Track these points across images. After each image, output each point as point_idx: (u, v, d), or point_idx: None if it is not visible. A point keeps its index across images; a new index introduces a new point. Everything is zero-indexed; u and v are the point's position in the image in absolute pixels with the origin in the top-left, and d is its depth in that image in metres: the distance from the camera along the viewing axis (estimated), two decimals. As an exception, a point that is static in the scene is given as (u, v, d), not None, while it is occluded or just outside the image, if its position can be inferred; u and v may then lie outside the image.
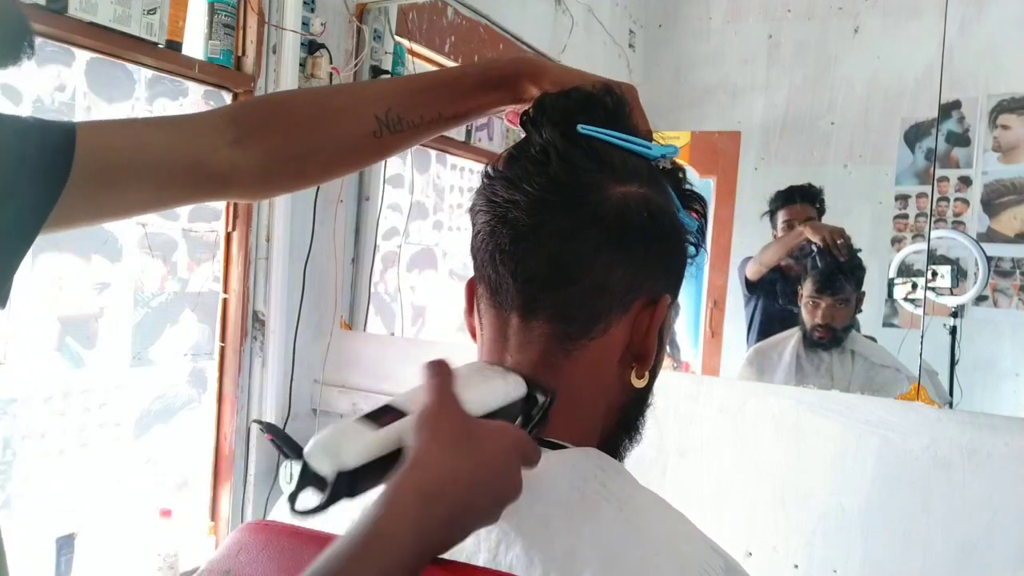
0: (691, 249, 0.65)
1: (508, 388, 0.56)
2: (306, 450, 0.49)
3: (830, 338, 2.11)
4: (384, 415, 0.51)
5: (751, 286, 2.38)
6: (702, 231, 0.65)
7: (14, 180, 0.61)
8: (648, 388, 0.64)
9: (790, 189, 2.37)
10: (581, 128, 0.60)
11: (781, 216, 2.34)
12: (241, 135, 0.72)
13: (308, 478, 0.48)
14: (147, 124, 0.82)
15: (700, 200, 0.65)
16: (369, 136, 0.73)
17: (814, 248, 2.18)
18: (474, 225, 0.63)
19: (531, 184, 0.58)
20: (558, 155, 0.59)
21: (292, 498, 0.49)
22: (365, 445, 0.49)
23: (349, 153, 0.76)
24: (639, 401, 0.65)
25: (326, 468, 0.47)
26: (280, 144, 0.74)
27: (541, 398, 0.57)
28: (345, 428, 0.50)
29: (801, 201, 2.33)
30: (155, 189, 0.71)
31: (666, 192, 0.63)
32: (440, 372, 0.53)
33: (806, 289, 2.15)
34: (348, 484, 0.47)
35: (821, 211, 2.33)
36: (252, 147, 0.72)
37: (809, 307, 2.14)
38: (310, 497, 0.48)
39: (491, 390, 0.55)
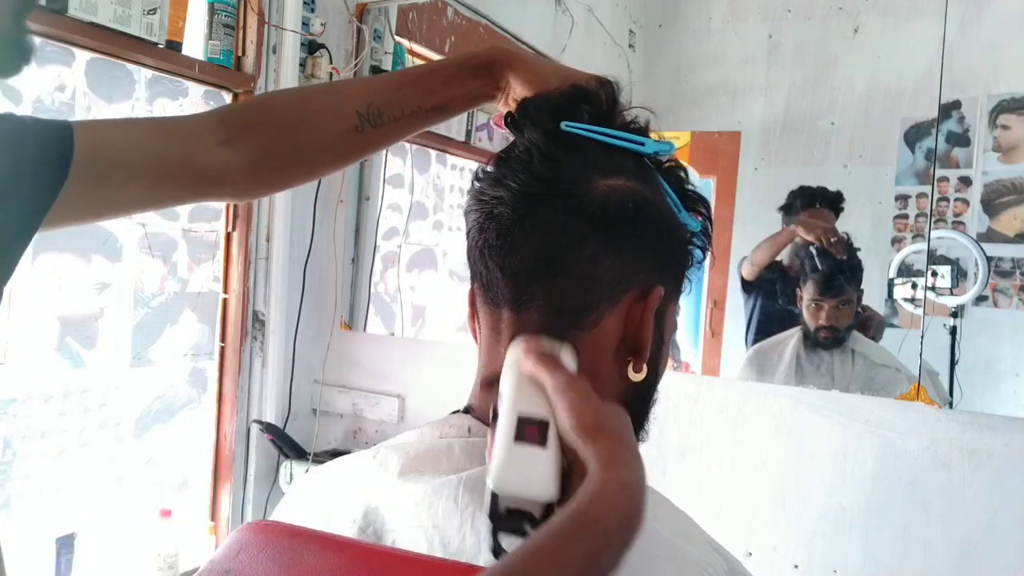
0: (698, 253, 0.65)
1: (568, 355, 0.57)
2: (495, 489, 0.48)
3: (834, 338, 2.11)
4: (526, 428, 0.51)
5: (747, 286, 2.37)
6: (707, 233, 0.65)
7: (14, 177, 0.63)
8: (650, 384, 0.64)
9: (815, 192, 2.35)
10: (565, 126, 0.61)
11: (801, 218, 2.32)
12: (230, 136, 0.74)
13: (503, 519, 0.48)
14: (141, 124, 0.85)
15: (703, 201, 0.65)
16: (351, 132, 0.76)
17: (813, 250, 2.17)
18: (466, 226, 0.63)
19: (515, 180, 0.59)
20: (540, 153, 0.60)
21: (497, 542, 0.48)
22: (549, 469, 0.49)
23: (332, 150, 0.78)
24: (642, 398, 0.64)
25: (528, 505, 0.48)
26: (267, 144, 0.76)
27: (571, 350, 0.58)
28: (514, 458, 0.49)
29: (823, 206, 2.31)
30: (149, 187, 0.73)
31: (656, 187, 0.62)
32: (545, 353, 0.54)
33: (807, 292, 2.15)
34: (548, 511, 0.48)
35: (838, 217, 2.32)
36: (240, 147, 0.74)
37: (812, 309, 2.14)
38: (512, 539, 0.48)
39: (565, 356, 0.56)
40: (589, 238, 0.58)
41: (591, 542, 0.44)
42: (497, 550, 0.48)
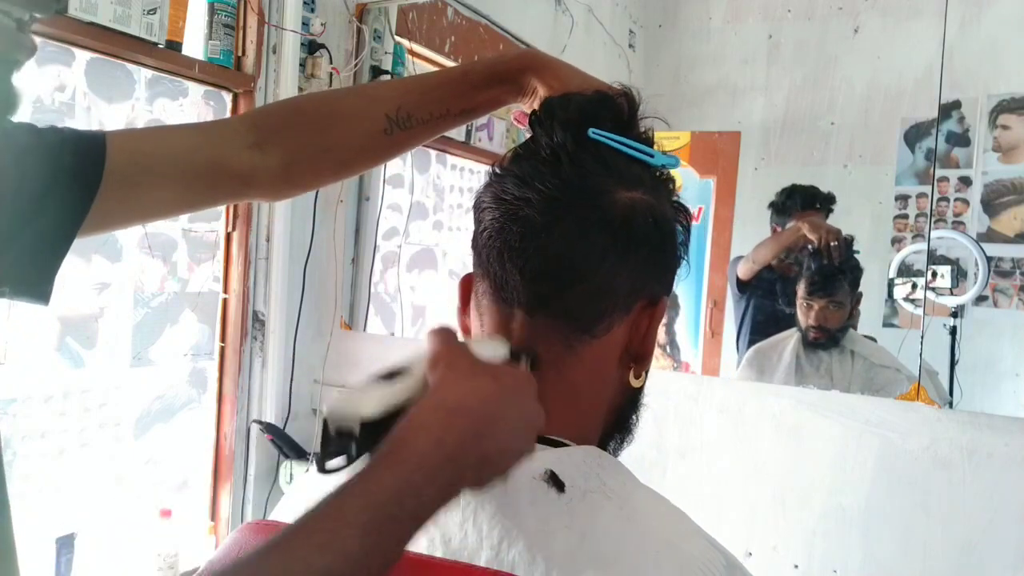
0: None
1: (496, 346, 0.59)
2: (326, 412, 0.51)
3: (826, 339, 2.11)
4: (394, 375, 0.54)
5: (742, 285, 2.37)
6: (685, 244, 0.66)
7: (52, 187, 0.66)
8: (641, 388, 0.66)
9: (809, 194, 2.34)
10: (592, 133, 0.61)
11: (794, 220, 2.32)
12: (260, 138, 0.76)
13: (331, 440, 0.51)
14: (172, 129, 0.87)
15: (686, 212, 0.66)
16: (380, 134, 0.77)
17: (810, 248, 2.18)
18: (479, 222, 0.63)
19: (544, 184, 0.59)
20: (569, 158, 0.60)
21: (321, 463, 0.50)
22: (383, 396, 0.51)
23: (362, 151, 0.80)
24: (633, 401, 0.66)
25: (349, 422, 0.50)
26: (296, 146, 0.78)
27: (524, 356, 0.59)
28: (359, 387, 0.53)
29: (819, 208, 2.31)
30: (181, 190, 0.75)
31: (664, 198, 0.64)
32: (443, 329, 0.56)
33: (800, 290, 2.15)
34: (372, 436, 0.50)
35: (827, 218, 2.32)
36: (270, 149, 0.76)
37: (803, 308, 2.14)
38: (337, 459, 0.50)
39: (482, 347, 0.57)
40: (610, 249, 0.59)
41: (400, 466, 0.46)
42: (321, 465, 0.50)
